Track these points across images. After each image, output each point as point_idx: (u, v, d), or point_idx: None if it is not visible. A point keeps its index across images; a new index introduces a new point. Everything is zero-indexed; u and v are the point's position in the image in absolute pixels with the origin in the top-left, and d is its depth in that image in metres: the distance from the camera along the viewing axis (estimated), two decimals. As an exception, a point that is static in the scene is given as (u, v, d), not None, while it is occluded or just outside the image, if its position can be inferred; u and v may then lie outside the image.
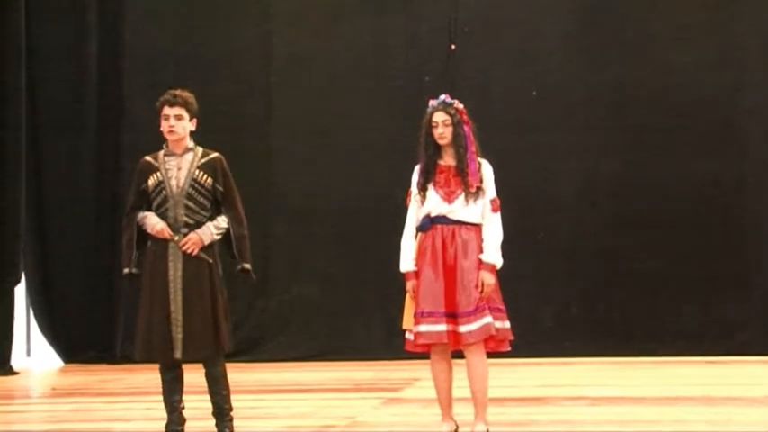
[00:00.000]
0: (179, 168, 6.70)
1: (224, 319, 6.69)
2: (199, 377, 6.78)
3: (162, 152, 6.78)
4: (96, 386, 9.97)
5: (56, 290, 11.49)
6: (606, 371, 10.08)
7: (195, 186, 6.68)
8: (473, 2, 11.27)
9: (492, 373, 6.78)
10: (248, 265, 6.78)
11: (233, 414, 6.81)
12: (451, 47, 11.19)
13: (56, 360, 11.53)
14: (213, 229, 6.70)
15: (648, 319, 10.87)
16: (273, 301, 11.34)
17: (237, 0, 11.69)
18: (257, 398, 8.66)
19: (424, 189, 6.75)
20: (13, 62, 11.15)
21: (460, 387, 6.89)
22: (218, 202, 6.75)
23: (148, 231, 6.69)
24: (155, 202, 6.70)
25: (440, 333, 6.60)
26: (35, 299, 11.50)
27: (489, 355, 6.75)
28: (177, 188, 6.68)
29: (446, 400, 6.85)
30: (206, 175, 6.70)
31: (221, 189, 6.74)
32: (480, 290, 6.61)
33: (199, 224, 6.67)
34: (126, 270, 6.74)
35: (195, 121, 6.77)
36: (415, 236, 6.78)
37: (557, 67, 11.16)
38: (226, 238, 6.75)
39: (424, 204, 6.75)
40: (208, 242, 6.67)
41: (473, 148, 6.76)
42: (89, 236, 11.45)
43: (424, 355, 6.84)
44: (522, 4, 11.26)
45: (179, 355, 6.59)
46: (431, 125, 6.76)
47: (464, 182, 6.70)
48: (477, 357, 6.69)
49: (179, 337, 6.58)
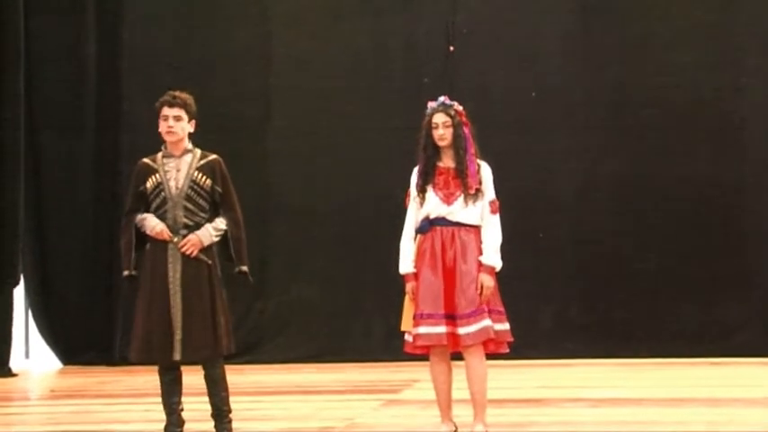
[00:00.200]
0: (178, 170, 6.69)
1: (223, 320, 6.68)
2: (197, 379, 6.77)
3: (160, 154, 6.76)
4: (95, 388, 9.96)
5: (54, 291, 11.47)
6: (606, 372, 10.07)
7: (194, 188, 6.67)
8: (472, 3, 11.26)
9: (491, 375, 6.77)
10: (245, 268, 6.77)
11: (232, 416, 6.80)
12: (450, 48, 11.18)
13: (54, 362, 11.51)
14: (212, 231, 6.68)
15: (648, 320, 10.86)
16: (272, 302, 11.33)
17: (236, 1, 11.68)
18: (256, 399, 8.65)
19: (423, 191, 6.73)
20: (11, 63, 11.13)
21: (460, 389, 6.87)
22: (216, 204, 6.74)
23: (147, 233, 6.67)
24: (153, 204, 6.69)
25: (439, 335, 6.59)
26: (34, 300, 11.48)
27: (489, 357, 6.74)
28: (176, 189, 6.66)
29: (445, 402, 6.84)
30: (205, 177, 6.69)
31: (220, 190, 6.72)
32: (479, 292, 6.59)
33: (198, 225, 6.66)
34: (126, 272, 6.72)
35: (194, 122, 6.76)
36: (414, 238, 6.77)
37: (556, 68, 11.16)
38: (223, 240, 6.73)
39: (423, 206, 6.73)
40: (207, 243, 6.66)
41: (472, 149, 6.74)
42: (88, 237, 11.44)
43: (424, 357, 6.84)
44: (521, 5, 11.25)
45: (178, 356, 6.57)
46: (430, 126, 6.74)
47: (463, 183, 6.68)
48: (476, 359, 6.67)
49: (178, 339, 6.56)
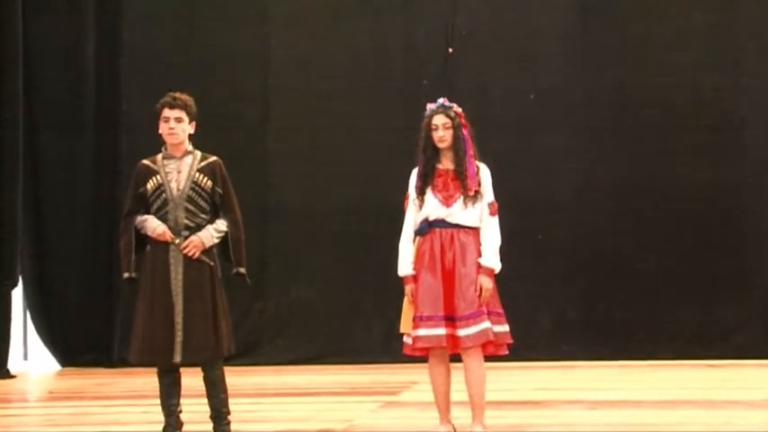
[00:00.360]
0: (179, 171, 6.68)
1: (224, 321, 6.68)
2: (196, 381, 6.76)
3: (160, 155, 6.75)
4: (93, 390, 9.94)
5: (53, 293, 11.46)
6: (605, 374, 10.07)
7: (196, 189, 6.67)
8: (471, 5, 11.27)
9: (490, 377, 6.76)
10: (243, 270, 6.77)
11: (230, 418, 6.79)
12: (449, 50, 11.18)
13: (53, 363, 11.50)
14: (213, 232, 6.68)
15: (648, 321, 10.87)
16: (271, 303, 11.33)
17: (236, 2, 11.68)
18: (255, 401, 8.64)
19: (422, 193, 6.73)
20: (11, 62, 11.13)
21: (459, 391, 6.87)
22: (216, 206, 6.74)
23: (149, 234, 6.66)
24: (154, 206, 6.68)
25: (439, 337, 6.58)
26: (32, 301, 11.48)
27: (487, 359, 6.74)
28: (178, 191, 6.66)
29: (444, 404, 6.83)
30: (206, 178, 6.69)
31: (220, 192, 6.72)
32: (479, 294, 6.59)
33: (199, 227, 6.65)
34: (126, 274, 6.70)
35: (194, 123, 6.76)
36: (413, 239, 6.77)
37: (555, 69, 11.16)
38: (222, 242, 6.73)
39: (423, 208, 6.73)
40: (209, 245, 6.66)
41: (471, 151, 6.74)
42: (86, 238, 11.43)
43: (423, 359, 6.83)
44: (521, 6, 11.26)
45: (178, 358, 6.57)
46: (430, 128, 6.74)
47: (463, 185, 6.68)
48: (475, 361, 6.67)
49: (179, 341, 6.56)
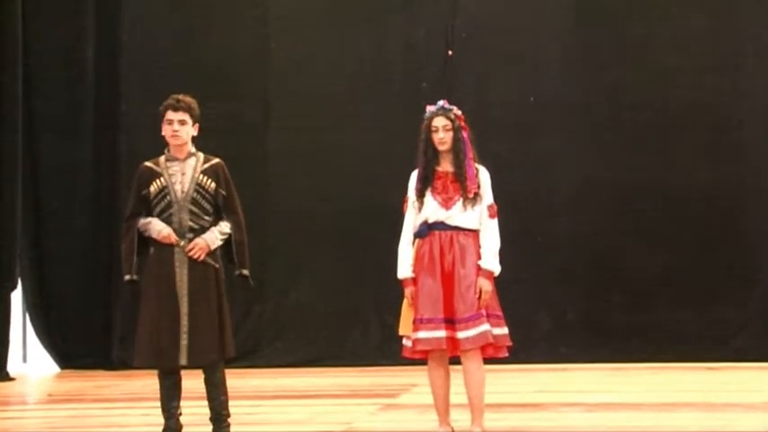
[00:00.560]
0: (183, 173, 6.68)
1: (228, 323, 6.69)
2: (196, 383, 6.76)
3: (163, 157, 6.75)
4: (93, 392, 9.93)
5: (52, 295, 11.45)
6: (604, 377, 10.06)
7: (200, 191, 6.67)
8: (471, 7, 11.26)
9: (489, 379, 6.76)
10: (247, 271, 6.77)
11: (230, 420, 6.79)
12: (449, 52, 11.18)
13: (52, 366, 11.49)
14: (218, 234, 6.69)
15: (647, 324, 10.86)
16: (270, 306, 11.32)
17: (235, 4, 11.67)
18: (254, 404, 8.63)
19: (421, 195, 6.73)
20: (10, 63, 11.11)
21: (458, 393, 6.87)
22: (218, 207, 6.74)
23: (153, 237, 6.65)
24: (157, 208, 6.67)
25: (439, 339, 6.58)
26: (31, 304, 11.46)
27: (486, 361, 6.74)
28: (182, 193, 6.66)
29: (443, 406, 6.83)
30: (210, 180, 6.69)
31: (224, 194, 6.73)
32: (478, 296, 6.59)
33: (203, 229, 6.65)
34: (127, 277, 6.69)
35: (197, 125, 6.76)
36: (413, 242, 6.76)
37: (555, 72, 11.16)
38: (225, 244, 6.73)
39: (422, 210, 6.73)
40: (214, 247, 6.66)
41: (471, 153, 6.75)
42: (86, 240, 11.42)
43: (422, 361, 6.83)
44: (520, 8, 11.25)
45: (184, 361, 6.56)
46: (430, 130, 6.74)
47: (462, 187, 6.68)
48: (475, 363, 6.67)
49: (185, 344, 6.55)
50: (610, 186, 11.03)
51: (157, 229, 6.63)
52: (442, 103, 6.82)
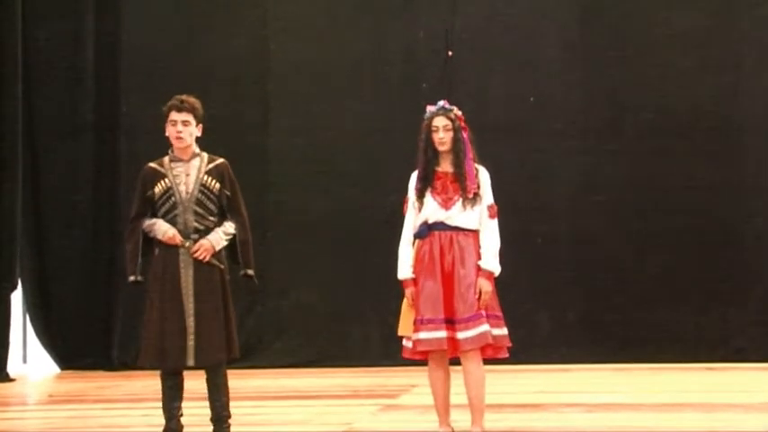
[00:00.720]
0: (187, 174, 6.69)
1: (233, 324, 6.70)
2: (196, 384, 6.76)
3: (167, 158, 6.75)
4: (93, 393, 9.93)
5: (52, 296, 11.44)
6: (604, 377, 10.06)
7: (204, 192, 6.68)
8: (471, 8, 11.26)
9: (489, 380, 6.77)
10: (251, 271, 6.79)
11: (231, 421, 6.79)
12: (448, 53, 11.18)
13: (52, 366, 11.48)
14: (223, 235, 6.70)
15: (647, 324, 10.85)
16: (271, 306, 11.31)
17: (235, 5, 11.67)
18: (255, 404, 8.63)
19: (421, 195, 6.73)
20: (10, 64, 11.12)
21: (458, 394, 6.87)
22: (222, 208, 6.74)
23: (158, 238, 6.65)
24: (162, 209, 6.67)
25: (440, 340, 6.59)
26: (31, 304, 11.46)
27: (486, 362, 6.74)
28: (186, 194, 6.66)
29: (443, 407, 6.83)
30: (214, 181, 6.70)
31: (228, 194, 6.74)
32: (478, 297, 6.59)
33: (208, 230, 6.66)
34: (131, 278, 6.69)
35: (201, 126, 6.76)
36: (413, 243, 6.76)
37: (555, 73, 11.15)
38: (229, 244, 6.74)
39: (422, 211, 6.73)
40: (219, 248, 6.66)
41: (470, 154, 6.75)
42: (86, 241, 11.42)
43: (422, 362, 6.83)
44: (520, 10, 11.24)
45: (191, 362, 6.57)
46: (430, 130, 6.74)
47: (462, 188, 6.68)
48: (474, 364, 6.67)
49: (191, 345, 6.56)
50: (610, 186, 11.03)
51: (162, 230, 6.64)
52: (442, 103, 6.82)
